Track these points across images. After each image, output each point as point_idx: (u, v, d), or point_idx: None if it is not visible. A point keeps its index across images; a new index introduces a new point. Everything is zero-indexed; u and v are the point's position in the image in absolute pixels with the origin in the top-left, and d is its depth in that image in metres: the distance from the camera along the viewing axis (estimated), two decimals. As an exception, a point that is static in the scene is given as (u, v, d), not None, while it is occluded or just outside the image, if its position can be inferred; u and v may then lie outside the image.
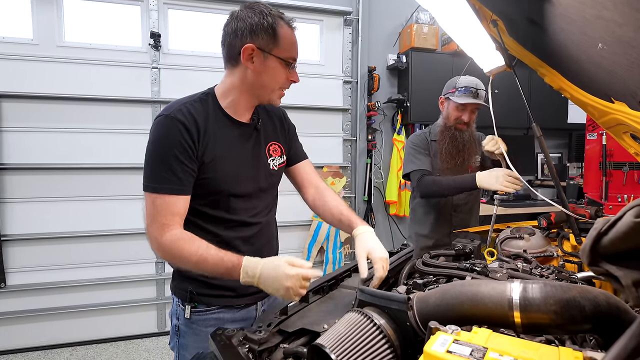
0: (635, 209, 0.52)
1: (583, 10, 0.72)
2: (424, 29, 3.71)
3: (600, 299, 0.61)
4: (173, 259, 1.09)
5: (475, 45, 1.42)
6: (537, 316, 0.62)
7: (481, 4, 1.17)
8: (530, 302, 0.63)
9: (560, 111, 4.12)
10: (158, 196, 1.09)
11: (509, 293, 0.65)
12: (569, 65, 1.11)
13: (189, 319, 1.22)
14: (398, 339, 0.73)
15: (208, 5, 3.38)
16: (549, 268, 1.16)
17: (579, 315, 0.61)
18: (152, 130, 1.13)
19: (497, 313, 0.66)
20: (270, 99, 1.21)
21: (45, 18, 3.01)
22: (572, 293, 0.62)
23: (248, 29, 1.10)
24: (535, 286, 0.64)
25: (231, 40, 1.14)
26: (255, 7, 1.14)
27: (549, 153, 1.58)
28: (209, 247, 1.05)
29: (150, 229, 1.11)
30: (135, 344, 3.25)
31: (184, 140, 1.09)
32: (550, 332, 0.65)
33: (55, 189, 3.09)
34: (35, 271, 3.10)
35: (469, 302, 0.69)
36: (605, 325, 0.61)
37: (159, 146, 1.11)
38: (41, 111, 3.04)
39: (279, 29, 1.12)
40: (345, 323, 0.75)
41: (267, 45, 1.11)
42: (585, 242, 0.56)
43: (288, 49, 1.14)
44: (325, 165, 3.77)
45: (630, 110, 0.97)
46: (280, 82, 1.18)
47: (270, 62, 1.13)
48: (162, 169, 1.09)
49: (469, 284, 0.73)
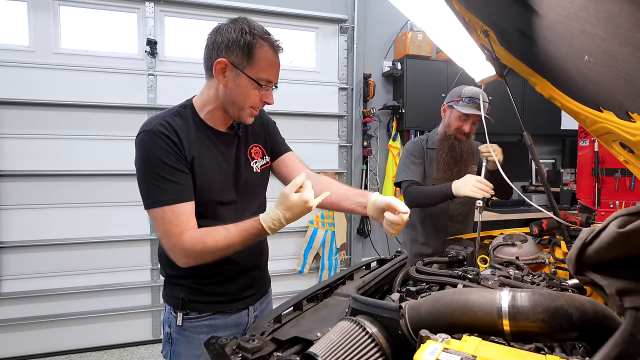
0: (618, 220, 0.53)
1: (569, 24, 0.74)
2: (419, 37, 3.75)
3: (587, 307, 0.62)
4: (203, 255, 1.09)
5: (465, 55, 1.44)
6: (525, 324, 0.63)
7: (472, 15, 1.19)
8: (519, 311, 0.64)
9: (553, 117, 4.16)
10: (166, 209, 1.08)
11: (498, 301, 0.66)
12: (558, 75, 1.13)
13: (180, 326, 1.22)
14: (390, 347, 0.74)
15: (204, 12, 3.40)
16: (540, 275, 1.17)
17: (566, 324, 0.62)
18: (138, 148, 1.12)
19: (487, 321, 0.66)
20: (239, 115, 1.19)
21: (41, 25, 3.02)
22: (560, 301, 0.63)
23: (225, 43, 1.11)
24: (524, 295, 0.65)
25: (209, 52, 1.15)
26: (238, 22, 1.13)
27: (539, 160, 1.60)
28: (227, 228, 1.09)
29: (170, 244, 1.10)
30: (130, 352, 3.23)
31: (170, 149, 1.10)
32: (539, 340, 0.66)
33: (51, 195, 3.09)
34: (29, 278, 3.08)
35: (460, 311, 0.70)
36: (592, 333, 0.62)
37: (149, 162, 1.10)
38: (37, 118, 3.04)
39: (257, 49, 1.10)
40: (338, 332, 0.76)
41: (241, 62, 1.10)
42: (570, 251, 0.57)
43: (263, 70, 1.13)
44: (321, 171, 3.78)
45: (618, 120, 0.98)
46: (251, 101, 1.16)
47: (241, 80, 1.12)
48: (159, 181, 1.08)
49: (460, 292, 0.74)
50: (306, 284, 3.68)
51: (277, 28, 3.65)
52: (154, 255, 3.37)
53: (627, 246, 0.52)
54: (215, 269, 1.19)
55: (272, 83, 1.17)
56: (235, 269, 1.26)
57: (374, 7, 3.92)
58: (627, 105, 0.84)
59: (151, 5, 3.23)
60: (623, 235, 0.51)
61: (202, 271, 1.17)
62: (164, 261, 1.25)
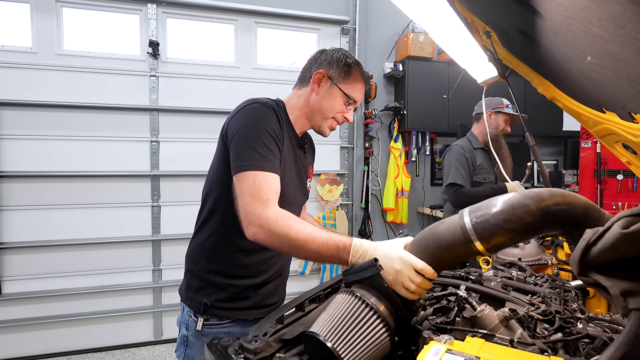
0: (622, 220, 0.53)
1: (571, 25, 0.74)
2: (420, 38, 3.75)
3: (544, 193, 0.71)
4: (278, 235, 0.99)
5: (467, 56, 1.44)
6: (492, 231, 0.71)
7: (475, 16, 1.19)
8: (481, 220, 0.72)
9: (555, 119, 4.15)
10: (259, 173, 1.06)
11: (460, 220, 0.74)
12: (561, 76, 1.13)
13: (199, 331, 1.22)
14: (388, 311, 0.76)
15: (206, 14, 3.41)
16: (543, 276, 1.17)
17: (527, 216, 0.69)
18: (245, 115, 1.14)
19: (458, 243, 0.74)
20: (321, 125, 1.28)
21: (44, 26, 3.03)
22: (516, 196, 0.71)
23: (327, 60, 1.25)
24: (480, 204, 0.75)
25: (310, 65, 1.28)
26: (342, 50, 1.28)
27: (542, 162, 1.60)
28: (315, 226, 1.01)
29: (251, 208, 1.03)
30: (131, 353, 3.23)
31: (275, 124, 1.15)
32: (511, 241, 0.73)
33: (53, 196, 3.09)
34: (31, 279, 3.08)
35: (433, 245, 0.78)
36: (555, 218, 0.70)
37: (255, 127, 1.11)
38: (40, 119, 3.05)
39: (354, 70, 1.24)
40: (335, 305, 0.76)
41: (337, 77, 1.23)
42: (574, 252, 0.57)
43: (354, 89, 1.25)
44: (323, 172, 3.78)
45: (621, 121, 0.98)
46: (336, 111, 1.26)
47: (333, 91, 1.24)
48: (260, 147, 1.09)
49: (429, 228, 0.81)
50: (308, 285, 3.68)
51: (279, 29, 3.66)
52: (156, 256, 3.37)
53: (631, 247, 0.52)
54: (248, 270, 1.23)
55: (357, 104, 1.29)
56: (266, 272, 1.28)
57: (376, 9, 3.92)
58: (630, 106, 0.84)
59: (153, 6, 3.24)
60: (627, 236, 0.51)
61: (237, 270, 1.22)
62: (197, 255, 1.26)
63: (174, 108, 3.33)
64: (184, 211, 3.33)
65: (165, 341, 3.39)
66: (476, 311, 0.79)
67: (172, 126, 3.36)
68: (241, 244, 1.19)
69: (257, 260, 1.25)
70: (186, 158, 3.36)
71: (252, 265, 1.24)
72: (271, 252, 1.26)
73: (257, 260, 1.25)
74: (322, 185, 3.74)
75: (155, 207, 3.32)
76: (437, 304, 0.91)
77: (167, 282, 3.38)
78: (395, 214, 3.96)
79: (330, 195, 3.77)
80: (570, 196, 0.71)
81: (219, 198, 1.21)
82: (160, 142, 3.33)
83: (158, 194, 3.32)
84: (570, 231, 0.73)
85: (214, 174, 1.23)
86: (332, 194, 3.79)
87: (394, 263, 0.81)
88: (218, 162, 1.21)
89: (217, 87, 3.37)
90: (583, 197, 0.74)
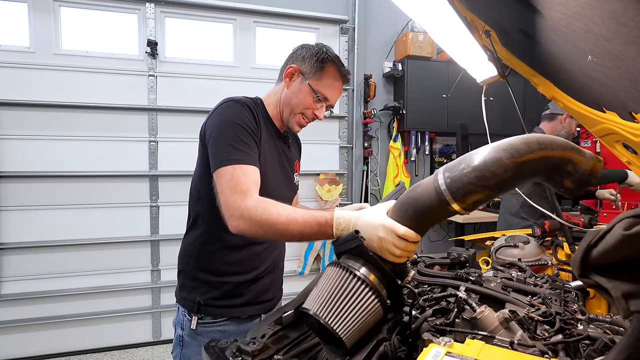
0: (624, 222, 0.53)
1: (572, 24, 0.73)
2: (420, 37, 3.74)
3: (518, 145, 0.67)
4: (260, 223, 0.98)
5: (467, 55, 1.44)
6: (464, 187, 0.68)
7: (474, 15, 1.18)
8: (454, 179, 0.69)
9: (555, 118, 4.14)
10: (237, 167, 1.07)
11: (435, 182, 0.72)
12: (561, 75, 1.12)
13: (194, 330, 1.23)
14: (377, 278, 0.76)
15: (205, 13, 3.40)
16: (543, 277, 1.16)
17: (501, 171, 0.66)
18: (221, 112, 1.16)
19: (434, 204, 0.72)
20: (289, 119, 1.28)
21: (42, 26, 3.02)
22: (488, 150, 0.69)
23: (302, 54, 1.25)
24: (452, 163, 0.72)
25: (287, 60, 1.29)
26: (321, 45, 1.27)
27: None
28: (295, 208, 1.00)
29: (230, 200, 1.03)
30: (130, 353, 3.22)
31: (251, 120, 1.16)
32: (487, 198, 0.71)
33: (51, 196, 3.09)
34: (29, 280, 3.08)
35: (413, 210, 0.77)
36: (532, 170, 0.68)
37: (230, 124, 1.13)
38: (37, 119, 3.04)
39: (327, 68, 1.23)
40: (325, 279, 0.77)
41: (308, 72, 1.23)
42: (575, 254, 0.56)
43: (325, 86, 1.24)
44: (322, 172, 3.78)
45: (622, 120, 0.97)
46: (304, 108, 1.25)
47: (303, 87, 1.23)
48: (236, 142, 1.10)
49: (408, 190, 0.81)
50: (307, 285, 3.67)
51: (278, 29, 3.65)
52: (154, 256, 3.36)
53: (633, 248, 0.51)
54: (238, 266, 1.25)
55: (329, 102, 1.28)
56: (258, 268, 1.29)
57: (375, 8, 3.91)
58: (631, 105, 0.83)
59: (152, 6, 3.23)
60: (629, 238, 0.50)
61: (227, 267, 1.23)
62: (188, 255, 1.28)
63: (172, 108, 3.32)
64: (182, 211, 3.27)
65: (163, 342, 3.38)
66: (476, 312, 0.78)
67: (171, 126, 3.35)
68: (229, 240, 1.22)
69: (247, 255, 1.26)
70: (185, 158, 3.34)
71: (242, 261, 1.26)
72: (260, 246, 1.28)
73: (246, 255, 1.26)
74: (321, 185, 3.74)
75: (154, 207, 3.31)
76: (437, 305, 0.90)
77: (166, 282, 3.37)
78: (394, 214, 3.95)
79: (330, 195, 3.76)
80: (546, 142, 0.68)
81: (203, 198, 1.23)
82: (159, 142, 3.32)
83: (156, 194, 3.31)
84: (551, 177, 0.72)
85: (196, 176, 1.26)
86: (331, 193, 3.78)
87: (377, 231, 0.81)
88: (200, 163, 1.23)
89: (215, 86, 3.36)
90: (560, 139, 0.72)
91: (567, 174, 0.72)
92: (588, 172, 0.73)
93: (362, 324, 0.74)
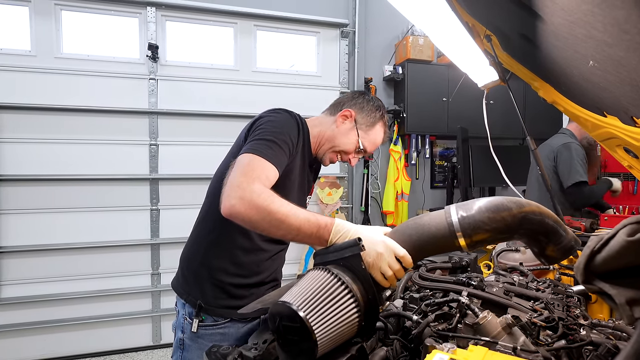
0: (627, 228, 0.53)
1: (574, 30, 0.74)
2: (420, 41, 3.75)
3: (523, 201, 0.78)
4: (259, 207, 0.93)
5: (468, 60, 1.44)
6: (476, 227, 0.77)
7: (475, 20, 1.19)
8: (467, 217, 0.78)
9: (556, 121, 4.15)
10: (258, 158, 1.05)
11: (448, 217, 0.80)
12: (562, 80, 1.12)
13: (195, 332, 1.23)
14: (360, 293, 0.76)
15: (205, 17, 3.41)
16: (544, 281, 1.16)
17: (509, 218, 0.76)
18: (272, 114, 1.22)
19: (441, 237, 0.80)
20: (324, 154, 1.36)
21: (43, 29, 3.03)
22: (500, 199, 0.80)
23: (362, 104, 1.35)
24: (468, 203, 0.81)
25: (345, 99, 1.39)
26: (380, 101, 1.40)
27: (543, 165, 1.59)
28: (296, 206, 0.97)
29: (236, 180, 0.98)
30: (130, 357, 3.21)
31: (295, 133, 1.20)
32: (490, 239, 0.80)
33: (51, 200, 3.08)
34: (29, 283, 3.07)
35: (417, 235, 0.82)
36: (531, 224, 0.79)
37: (276, 125, 1.17)
38: (38, 122, 3.04)
39: (378, 125, 1.36)
40: (309, 279, 0.78)
41: (362, 123, 1.34)
42: (578, 260, 0.56)
43: (369, 142, 1.36)
44: (322, 175, 3.78)
45: (623, 125, 0.98)
46: (342, 149, 1.34)
47: (352, 134, 1.33)
48: (271, 141, 1.11)
49: (413, 219, 0.86)
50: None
51: (279, 33, 3.66)
52: (155, 260, 3.35)
53: (636, 255, 0.51)
54: (242, 269, 1.26)
55: (366, 154, 1.39)
56: (261, 274, 1.31)
57: (375, 12, 3.92)
58: (633, 110, 0.84)
59: (152, 10, 3.24)
60: (633, 244, 0.50)
61: (232, 267, 1.24)
62: (193, 254, 1.29)
63: (173, 111, 3.33)
64: (182, 215, 3.32)
65: (163, 345, 3.37)
66: (478, 318, 0.78)
67: (171, 129, 3.35)
68: (240, 242, 1.23)
69: (254, 260, 1.27)
70: (185, 161, 3.35)
71: (247, 264, 1.27)
72: (267, 253, 1.30)
73: (253, 260, 1.27)
74: (322, 189, 3.74)
75: (154, 211, 3.31)
76: (439, 310, 0.89)
77: (166, 286, 3.36)
78: (395, 217, 3.95)
79: (330, 198, 3.76)
80: (543, 208, 0.82)
81: None
82: (159, 145, 3.32)
83: (157, 198, 3.31)
84: (538, 238, 0.82)
85: (223, 168, 1.24)
86: (331, 197, 3.78)
87: (377, 246, 0.83)
88: (231, 156, 1.21)
89: (216, 90, 3.37)
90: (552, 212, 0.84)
91: (554, 240, 0.82)
92: (569, 246, 0.83)
93: (337, 333, 0.73)
